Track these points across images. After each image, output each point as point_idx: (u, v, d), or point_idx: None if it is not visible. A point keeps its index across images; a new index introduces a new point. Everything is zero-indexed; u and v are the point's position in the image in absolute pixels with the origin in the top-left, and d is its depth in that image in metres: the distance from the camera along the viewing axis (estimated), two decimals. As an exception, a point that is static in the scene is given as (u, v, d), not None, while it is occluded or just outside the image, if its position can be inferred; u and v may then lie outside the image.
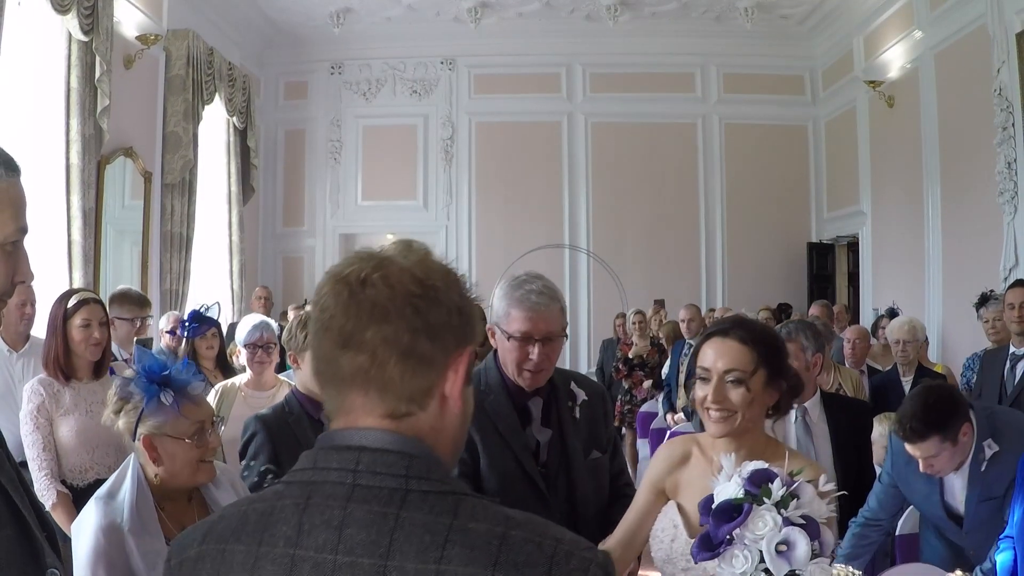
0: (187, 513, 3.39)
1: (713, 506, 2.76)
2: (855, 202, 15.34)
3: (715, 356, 3.11)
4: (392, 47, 16.69)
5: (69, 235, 9.90)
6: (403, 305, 1.62)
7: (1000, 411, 4.84)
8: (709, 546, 2.72)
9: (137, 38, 11.63)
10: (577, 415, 3.73)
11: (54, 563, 2.23)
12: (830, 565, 2.68)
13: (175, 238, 12.63)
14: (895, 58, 13.56)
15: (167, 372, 3.32)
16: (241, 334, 6.05)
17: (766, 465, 2.75)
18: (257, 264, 16.36)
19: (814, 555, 2.62)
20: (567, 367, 4.54)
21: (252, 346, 5.96)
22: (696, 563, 2.84)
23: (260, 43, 16.26)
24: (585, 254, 16.27)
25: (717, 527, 2.70)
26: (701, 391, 3.13)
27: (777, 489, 2.66)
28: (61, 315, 5.36)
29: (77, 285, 9.82)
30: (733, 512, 2.69)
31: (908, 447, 4.42)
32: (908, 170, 13.20)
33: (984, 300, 8.62)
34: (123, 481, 3.30)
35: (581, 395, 3.77)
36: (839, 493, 2.85)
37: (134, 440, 3.34)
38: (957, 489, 4.64)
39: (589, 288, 16.59)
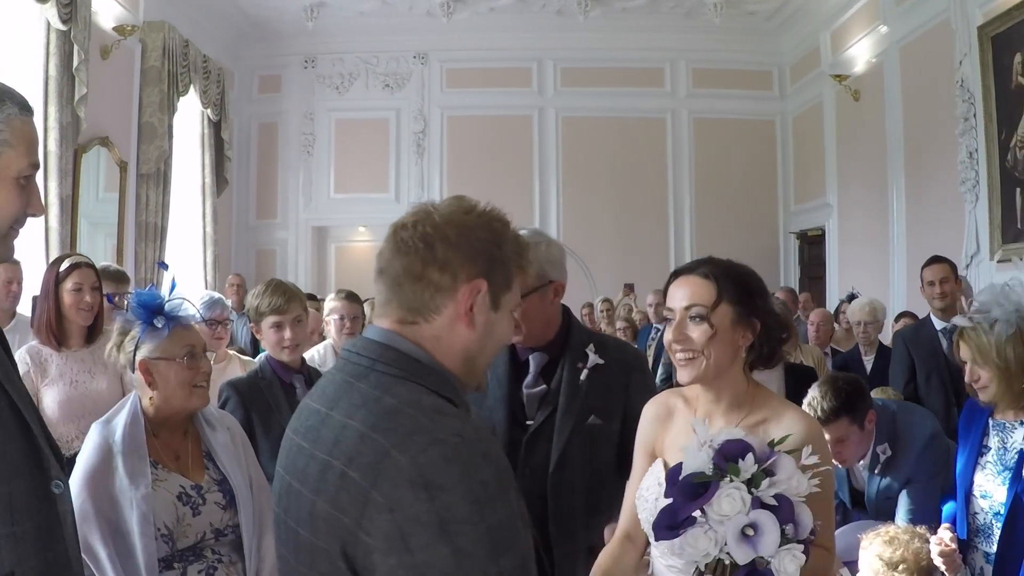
0: (182, 444, 3.63)
1: (680, 477, 2.63)
2: (822, 195, 15.52)
3: (677, 294, 3.01)
4: (365, 41, 16.76)
5: (47, 222, 9.95)
6: (418, 242, 2.11)
7: (901, 413, 5.00)
8: (672, 523, 2.59)
9: (114, 29, 11.69)
10: (582, 378, 3.68)
11: (59, 475, 2.42)
12: (805, 550, 2.49)
13: (150, 228, 12.70)
14: (861, 53, 13.75)
15: (160, 302, 3.57)
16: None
17: (742, 434, 2.61)
18: (231, 256, 16.37)
19: (786, 540, 2.47)
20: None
21: (211, 322, 6.07)
22: (656, 541, 2.75)
23: (235, 36, 16.27)
24: (556, 246, 16.36)
25: (680, 504, 2.58)
26: (667, 333, 3.01)
27: (748, 466, 2.52)
28: (53, 279, 5.40)
29: (54, 273, 9.93)
30: (699, 488, 2.56)
31: None
32: (873, 162, 13.41)
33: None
34: (122, 408, 3.57)
35: (594, 360, 3.70)
36: (824, 468, 2.63)
37: (133, 371, 3.57)
38: (862, 479, 4.91)
39: (560, 279, 16.59)
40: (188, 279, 13.76)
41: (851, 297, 10.66)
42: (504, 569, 1.87)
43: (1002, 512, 3.78)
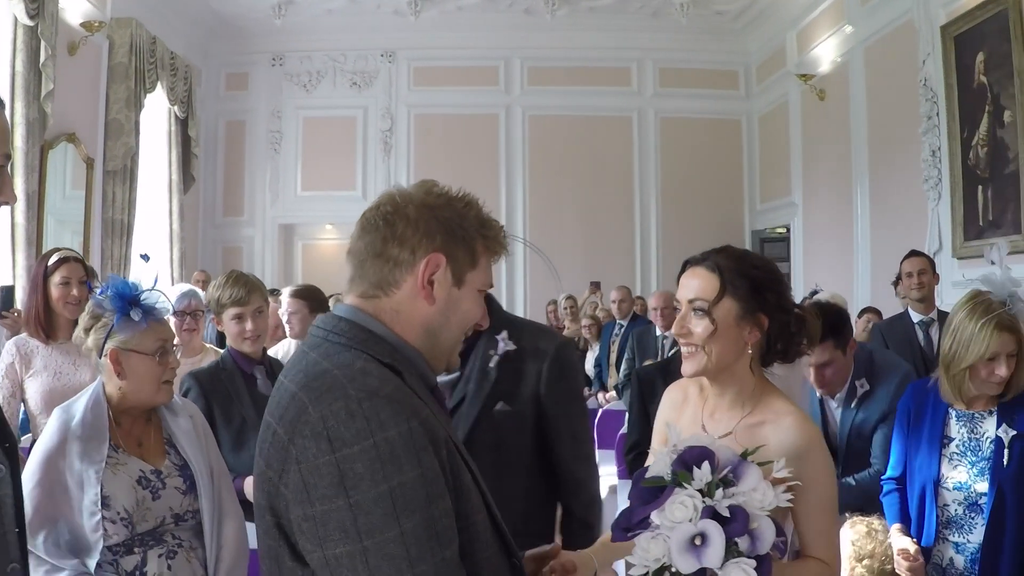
0: (145, 431, 3.67)
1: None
2: (787, 193, 15.64)
3: (684, 285, 2.97)
4: (333, 39, 16.75)
5: (12, 218, 9.97)
6: (379, 220, 2.24)
7: (878, 352, 5.24)
8: (627, 525, 2.56)
9: (81, 25, 11.65)
10: (491, 365, 3.67)
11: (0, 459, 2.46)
12: (764, 567, 2.39)
13: (116, 225, 12.68)
14: (826, 52, 13.85)
15: (137, 293, 3.57)
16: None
17: (707, 442, 2.55)
18: (197, 253, 16.32)
19: (737, 553, 2.38)
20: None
21: (180, 313, 6.08)
22: (613, 541, 2.74)
23: (203, 34, 16.23)
24: (522, 243, 16.43)
25: (636, 506, 2.55)
26: (674, 325, 2.98)
27: (703, 475, 2.45)
28: (41, 273, 5.47)
29: (20, 268, 9.93)
30: (656, 492, 2.51)
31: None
32: (838, 161, 13.53)
33: (901, 277, 8.92)
34: (84, 393, 3.60)
35: (505, 346, 3.69)
36: (794, 482, 2.56)
37: (100, 356, 3.58)
38: (836, 418, 5.02)
39: (525, 276, 16.77)
40: (154, 276, 13.69)
41: (813, 294, 10.73)
42: (406, 531, 1.91)
43: (980, 503, 3.83)
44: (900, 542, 3.96)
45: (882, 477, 4.38)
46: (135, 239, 13.15)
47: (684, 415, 3.10)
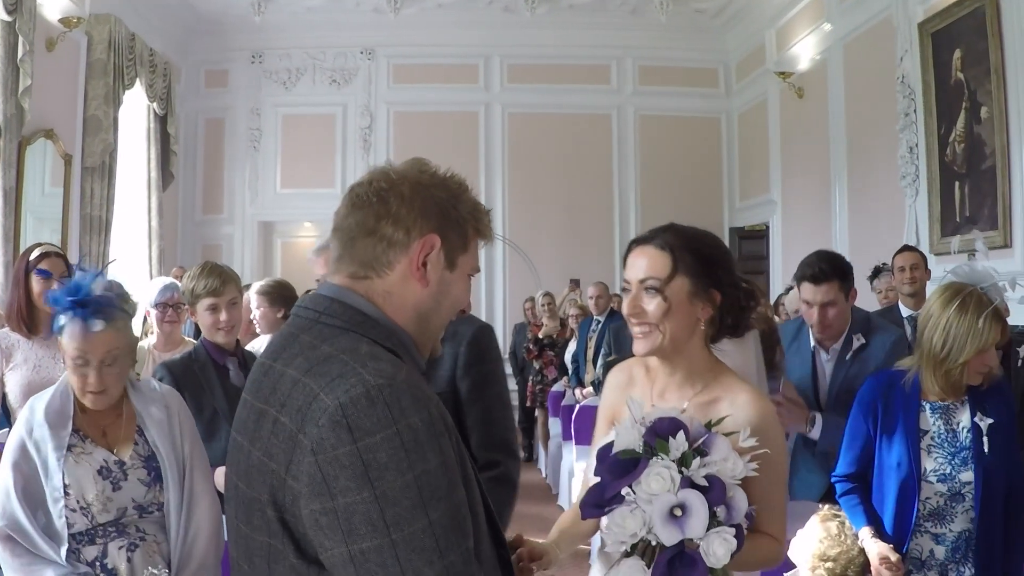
0: (115, 420, 3.65)
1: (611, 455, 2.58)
2: (766, 191, 15.70)
3: (633, 264, 2.95)
4: (312, 37, 16.70)
5: (-11, 214, 9.93)
6: (372, 196, 2.13)
7: (875, 316, 5.48)
8: (599, 501, 2.54)
9: (59, 20, 11.55)
10: None
11: None
12: (739, 535, 2.41)
13: (94, 221, 12.61)
14: (805, 50, 13.89)
15: (75, 298, 3.52)
16: (151, 295, 6.20)
17: (676, 413, 2.56)
18: (176, 250, 16.24)
19: (717, 522, 2.40)
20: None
21: (162, 305, 6.14)
22: (584, 519, 2.71)
23: (182, 30, 16.16)
24: (500, 241, 16.37)
25: (609, 481, 2.51)
26: (624, 305, 2.98)
27: (679, 444, 2.45)
28: (23, 268, 5.48)
29: (-2, 264, 9.94)
30: (629, 465, 2.50)
31: (809, 291, 4.89)
32: (816, 158, 13.57)
33: (877, 272, 8.95)
34: (59, 382, 3.63)
35: None
36: (762, 451, 2.56)
37: None
38: (827, 372, 5.14)
39: (504, 274, 16.79)
40: (133, 274, 13.67)
41: (789, 289, 10.79)
42: (434, 521, 1.82)
43: (963, 492, 3.86)
44: (878, 548, 3.90)
45: (832, 474, 4.32)
46: (114, 236, 13.08)
47: (632, 394, 3.02)
